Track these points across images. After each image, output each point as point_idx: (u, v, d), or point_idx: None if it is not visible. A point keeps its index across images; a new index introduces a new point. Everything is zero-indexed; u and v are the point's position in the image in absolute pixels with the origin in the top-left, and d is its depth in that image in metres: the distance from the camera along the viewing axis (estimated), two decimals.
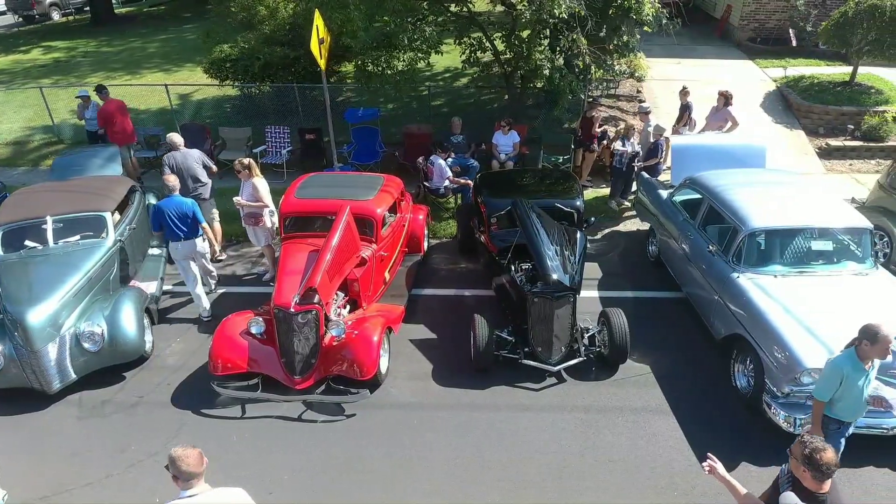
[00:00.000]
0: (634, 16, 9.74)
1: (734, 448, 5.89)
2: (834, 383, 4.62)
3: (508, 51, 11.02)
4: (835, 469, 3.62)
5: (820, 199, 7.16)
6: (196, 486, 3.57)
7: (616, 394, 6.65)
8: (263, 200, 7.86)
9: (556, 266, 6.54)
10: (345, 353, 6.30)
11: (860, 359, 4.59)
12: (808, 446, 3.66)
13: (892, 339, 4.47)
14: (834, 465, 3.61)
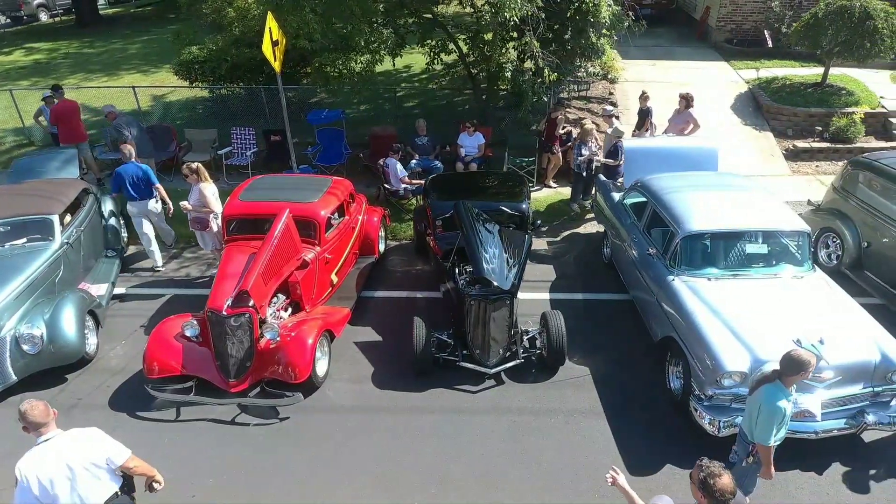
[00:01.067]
0: (592, 18, 9.73)
1: (661, 450, 5.92)
2: (779, 424, 4.48)
3: (472, 53, 11.03)
4: (730, 496, 3.52)
5: (760, 203, 7.17)
6: (48, 433, 3.97)
7: (552, 396, 6.66)
8: (210, 205, 7.89)
9: (492, 269, 6.56)
10: (279, 356, 6.32)
11: (787, 388, 4.49)
12: (704, 471, 3.58)
13: (813, 362, 4.46)
14: (729, 493, 3.51)
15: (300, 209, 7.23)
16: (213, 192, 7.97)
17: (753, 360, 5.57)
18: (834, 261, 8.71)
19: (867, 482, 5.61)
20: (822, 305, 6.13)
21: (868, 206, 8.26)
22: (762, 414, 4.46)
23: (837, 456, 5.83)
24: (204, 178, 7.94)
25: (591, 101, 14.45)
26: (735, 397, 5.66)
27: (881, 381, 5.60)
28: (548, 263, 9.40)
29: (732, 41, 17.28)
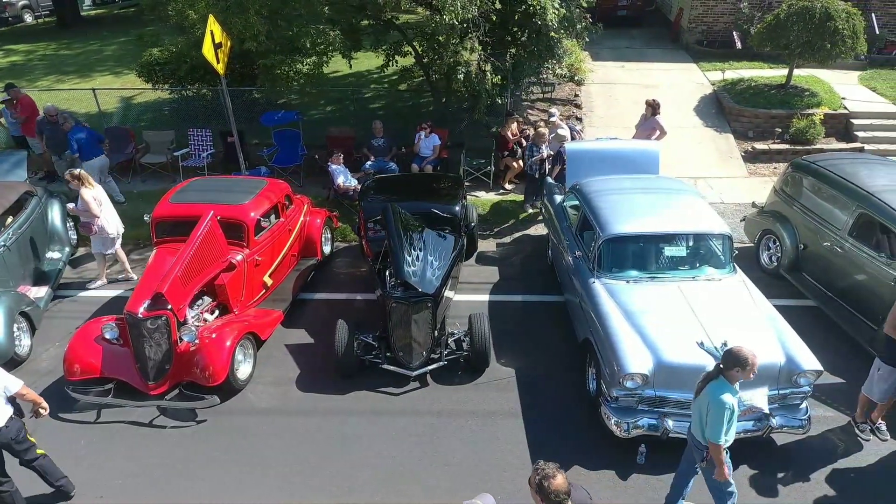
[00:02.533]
0: (539, 21, 9.75)
1: (571, 451, 5.94)
2: (729, 421, 4.48)
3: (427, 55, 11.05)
4: (565, 497, 3.51)
5: (685, 206, 7.18)
6: None
7: (473, 397, 6.68)
8: (92, 211, 8.05)
9: (414, 272, 6.57)
10: (197, 358, 6.35)
11: (732, 384, 4.51)
12: (539, 474, 3.57)
13: (756, 359, 4.47)
14: (563, 493, 3.51)
15: (228, 211, 7.25)
16: (93, 196, 8.12)
17: (656, 362, 5.59)
18: (775, 263, 8.72)
19: (775, 485, 5.62)
20: (733, 308, 6.13)
21: (805, 209, 8.27)
22: (710, 411, 4.49)
23: (747, 458, 5.83)
24: (87, 183, 8.13)
25: (556, 103, 14.44)
26: (641, 399, 5.67)
27: (787, 384, 5.60)
28: (493, 265, 9.42)
29: (703, 43, 17.28)
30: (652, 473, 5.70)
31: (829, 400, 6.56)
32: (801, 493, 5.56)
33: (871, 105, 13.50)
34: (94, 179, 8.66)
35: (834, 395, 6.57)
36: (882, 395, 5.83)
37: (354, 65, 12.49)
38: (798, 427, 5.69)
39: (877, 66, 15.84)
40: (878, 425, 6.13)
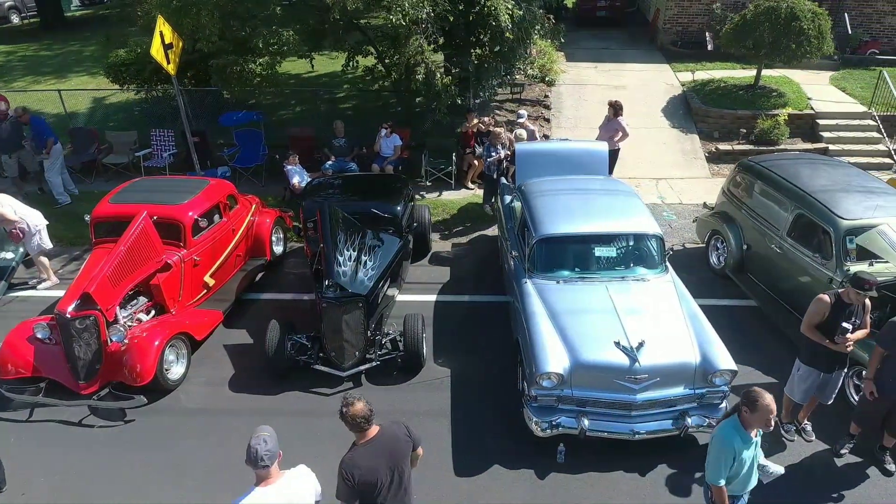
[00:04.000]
0: (493, 22, 9.76)
1: (492, 450, 5.97)
2: (727, 462, 4.11)
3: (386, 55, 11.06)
4: (362, 419, 3.89)
5: (621, 207, 7.20)
6: None
7: (405, 398, 6.69)
8: (7, 217, 8.13)
9: (344, 272, 6.59)
10: (125, 358, 6.37)
11: (745, 427, 4.10)
12: (342, 403, 3.94)
13: (774, 409, 3.98)
14: (361, 417, 3.88)
15: (165, 211, 7.27)
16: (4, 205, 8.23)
17: (573, 361, 5.61)
18: (722, 263, 8.73)
19: (690, 485, 5.62)
20: (656, 308, 6.14)
21: (749, 209, 8.28)
22: (710, 449, 4.24)
23: (667, 458, 5.84)
24: None
25: (525, 104, 14.46)
26: (560, 399, 5.68)
27: (703, 384, 5.61)
28: (446, 266, 9.43)
29: (677, 44, 17.31)
30: (570, 472, 5.72)
31: None
32: None
33: (838, 105, 13.52)
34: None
35: None
36: (802, 396, 5.84)
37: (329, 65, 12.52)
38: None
39: (850, 66, 15.85)
40: (804, 426, 6.14)
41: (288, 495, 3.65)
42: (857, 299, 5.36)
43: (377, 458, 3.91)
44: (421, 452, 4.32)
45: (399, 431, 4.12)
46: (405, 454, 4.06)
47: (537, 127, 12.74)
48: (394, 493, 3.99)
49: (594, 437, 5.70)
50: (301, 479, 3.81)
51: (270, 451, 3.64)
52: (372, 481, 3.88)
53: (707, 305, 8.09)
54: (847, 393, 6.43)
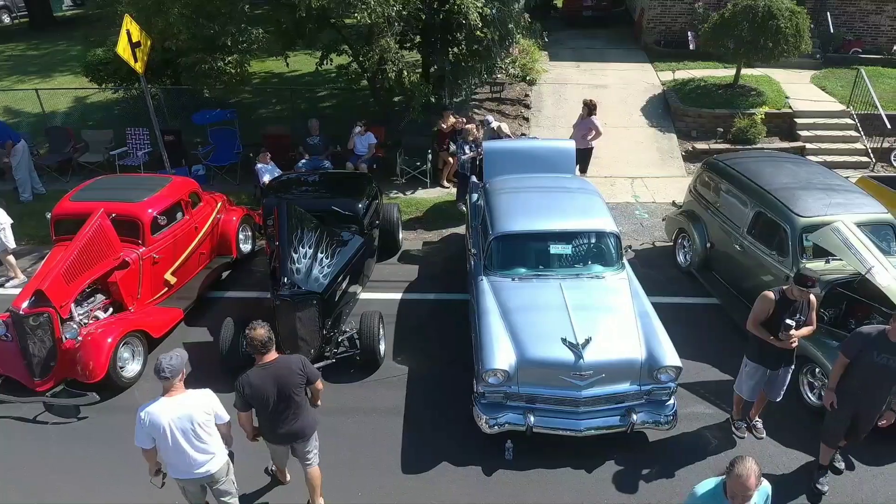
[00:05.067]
0: (464, 20, 9.76)
1: (441, 448, 5.98)
2: None
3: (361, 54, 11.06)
4: (259, 343, 4.50)
5: (579, 205, 7.21)
6: None
7: (360, 395, 6.70)
8: None
9: (298, 269, 6.58)
10: (78, 356, 6.37)
11: (727, 496, 3.66)
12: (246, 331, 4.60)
13: (747, 483, 3.52)
14: (258, 341, 4.51)
15: (123, 209, 7.27)
16: None
17: (519, 358, 5.61)
18: (689, 261, 8.72)
19: (637, 481, 5.62)
20: (607, 305, 6.14)
21: (714, 208, 8.28)
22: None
23: (615, 454, 5.84)
24: None
25: (506, 103, 14.47)
26: (507, 395, 5.68)
27: (649, 380, 5.61)
28: (415, 264, 9.43)
29: (660, 43, 17.27)
30: (517, 469, 5.71)
31: (711, 397, 6.57)
32: (664, 489, 5.55)
33: (816, 104, 13.50)
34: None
35: (720, 393, 6.57)
36: (750, 393, 5.83)
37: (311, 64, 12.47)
38: (663, 423, 5.69)
39: (832, 65, 15.80)
40: (755, 423, 6.14)
41: (186, 406, 4.35)
42: (800, 296, 5.34)
43: (267, 379, 4.57)
44: (319, 387, 4.89)
45: (293, 363, 4.69)
46: (295, 384, 4.63)
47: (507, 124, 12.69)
48: (281, 412, 4.67)
49: (542, 433, 5.69)
50: (202, 397, 4.48)
51: (172, 366, 4.30)
52: (261, 398, 4.58)
53: (672, 303, 8.19)
54: (802, 392, 6.42)
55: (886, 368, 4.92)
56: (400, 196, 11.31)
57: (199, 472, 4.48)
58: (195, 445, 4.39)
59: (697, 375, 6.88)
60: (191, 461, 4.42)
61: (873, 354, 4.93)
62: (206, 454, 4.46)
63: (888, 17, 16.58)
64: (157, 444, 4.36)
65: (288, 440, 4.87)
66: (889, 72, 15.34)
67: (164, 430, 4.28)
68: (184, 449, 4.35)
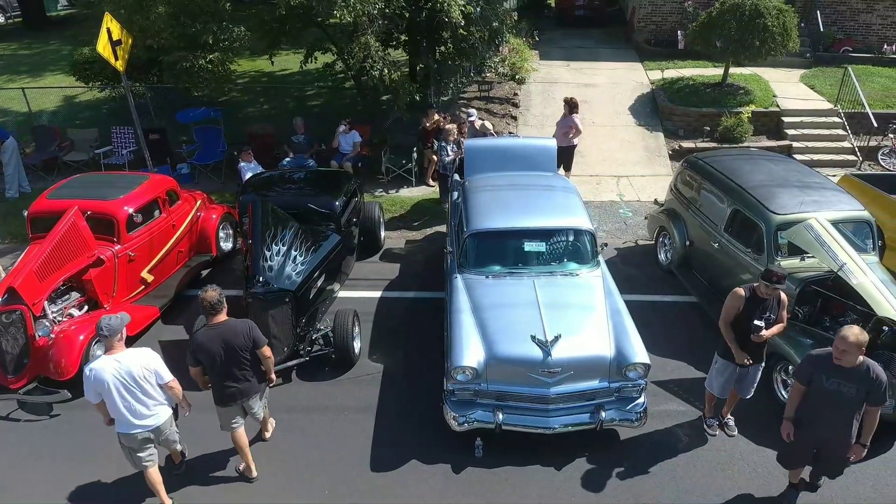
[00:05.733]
0: (446, 18, 9.74)
1: (412, 446, 5.97)
2: None
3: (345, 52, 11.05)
4: (208, 303, 4.96)
5: (555, 203, 7.18)
6: None
7: (333, 393, 6.68)
8: None
9: (270, 266, 6.56)
10: (51, 353, 6.35)
11: None
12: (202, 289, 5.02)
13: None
14: (207, 302, 4.96)
15: (98, 206, 7.25)
16: None
17: (488, 355, 5.59)
18: (669, 259, 8.70)
19: (606, 479, 5.60)
20: (579, 302, 6.11)
21: (693, 206, 8.26)
22: None
23: (586, 452, 5.82)
24: None
25: (493, 102, 14.45)
26: (477, 393, 5.66)
27: (618, 377, 5.59)
28: (396, 262, 9.42)
29: (651, 42, 17.26)
30: (486, 467, 5.70)
31: (685, 394, 6.55)
32: (634, 486, 5.53)
33: (804, 103, 13.48)
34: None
35: (693, 391, 6.54)
36: (721, 390, 5.81)
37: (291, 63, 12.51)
38: (632, 420, 5.67)
39: (823, 64, 15.78)
40: (727, 421, 6.11)
41: (126, 363, 4.76)
42: (768, 293, 5.30)
43: (214, 339, 4.99)
44: (267, 353, 5.23)
45: (241, 327, 5.08)
46: (240, 345, 5.03)
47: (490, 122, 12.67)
48: (228, 371, 5.09)
49: (513, 431, 5.67)
50: (141, 355, 4.87)
51: (110, 325, 4.75)
52: (208, 355, 5.00)
53: (651, 302, 8.19)
54: (775, 389, 6.40)
55: (839, 395, 4.56)
56: (385, 195, 11.30)
57: (143, 425, 4.90)
58: (138, 399, 4.82)
59: (672, 373, 6.86)
60: (134, 415, 4.84)
61: (822, 380, 4.61)
62: (148, 409, 4.89)
63: (879, 16, 16.57)
64: (104, 398, 4.79)
65: (233, 398, 5.24)
66: (879, 70, 15.33)
67: (107, 385, 4.70)
68: (127, 403, 4.79)
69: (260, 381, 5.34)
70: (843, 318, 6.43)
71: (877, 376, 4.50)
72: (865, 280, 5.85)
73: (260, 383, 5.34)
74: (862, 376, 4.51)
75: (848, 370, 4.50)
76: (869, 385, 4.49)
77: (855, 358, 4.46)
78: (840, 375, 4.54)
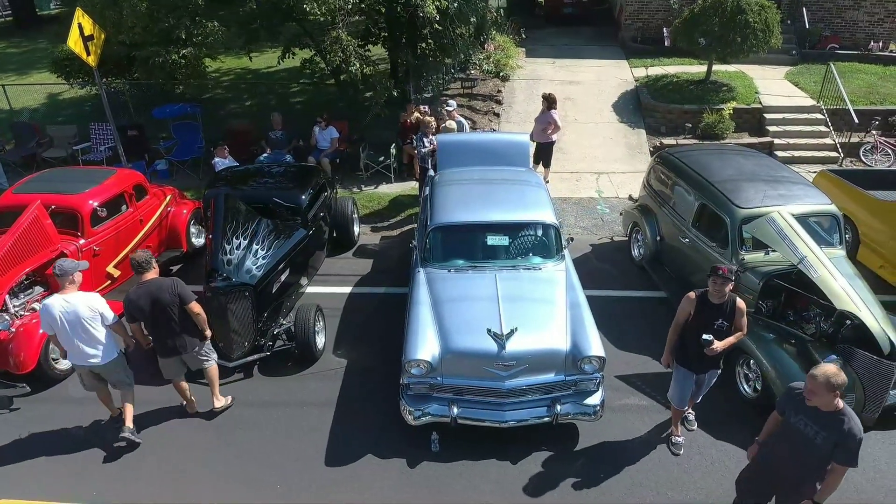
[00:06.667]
0: (420, 13, 9.70)
1: (368, 441, 5.94)
2: None
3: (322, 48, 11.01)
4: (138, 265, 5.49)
5: (521, 197, 7.14)
6: None
7: (293, 388, 6.63)
8: None
9: (229, 260, 6.52)
10: (10, 347, 6.32)
11: None
12: None
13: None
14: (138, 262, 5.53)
15: (62, 201, 7.23)
16: None
17: (443, 349, 5.56)
18: (641, 255, 8.66)
19: (561, 473, 5.55)
20: (539, 296, 6.07)
21: (663, 200, 8.22)
22: None
23: (545, 446, 5.78)
24: None
25: (476, 98, 14.41)
26: (433, 387, 5.63)
27: (574, 371, 5.54)
28: (370, 258, 9.38)
29: (637, 39, 17.23)
30: (442, 461, 5.65)
31: (648, 389, 6.51)
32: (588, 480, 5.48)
33: (787, 100, 13.44)
34: None
35: (656, 385, 6.47)
36: (680, 400, 5.55)
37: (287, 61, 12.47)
38: (589, 414, 5.63)
39: (809, 61, 15.72)
40: (687, 415, 6.05)
41: (73, 303, 5.30)
42: (716, 291, 5.02)
43: (143, 295, 5.47)
44: (195, 309, 5.61)
45: (166, 283, 5.54)
46: (166, 301, 5.47)
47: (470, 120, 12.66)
48: (161, 326, 5.59)
49: (472, 425, 5.64)
50: (87, 297, 5.41)
51: (62, 266, 5.36)
52: (139, 311, 5.49)
53: (622, 297, 8.16)
54: (738, 384, 6.36)
55: (800, 434, 4.04)
56: (364, 190, 11.26)
57: (90, 362, 5.46)
58: (82, 337, 5.36)
59: (636, 367, 6.82)
60: (81, 350, 5.41)
61: (790, 414, 4.14)
62: (93, 346, 5.43)
63: (866, 13, 16.51)
64: (56, 332, 5.35)
65: (172, 353, 5.74)
66: (866, 67, 15.26)
67: (56, 320, 5.26)
68: (74, 338, 5.35)
69: (193, 335, 5.74)
70: (807, 313, 6.39)
71: (849, 430, 3.87)
72: (826, 273, 5.81)
73: (193, 338, 5.75)
74: (832, 424, 3.91)
75: (818, 412, 3.94)
76: (839, 436, 3.88)
77: (827, 401, 3.88)
78: (808, 415, 4.01)
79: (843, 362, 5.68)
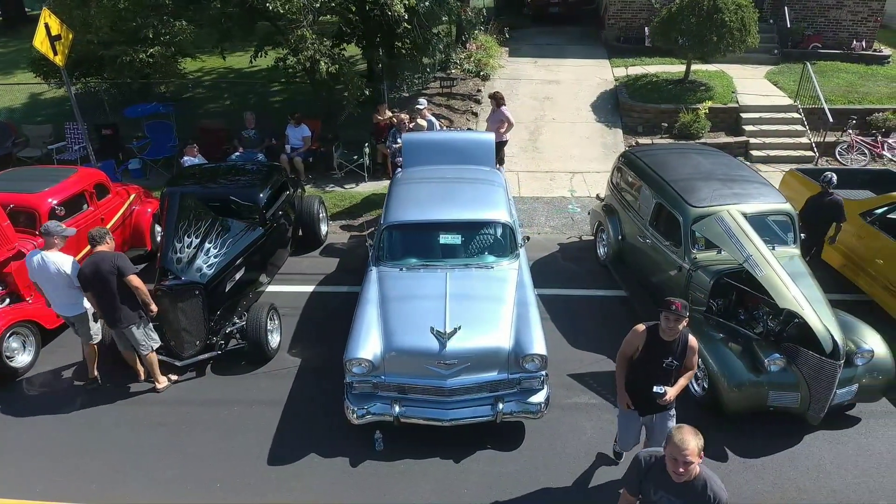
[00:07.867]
0: (389, 12, 9.70)
1: (313, 438, 5.94)
2: None
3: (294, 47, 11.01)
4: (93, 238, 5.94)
5: (477, 196, 7.14)
6: None
7: (244, 387, 6.63)
8: None
9: (178, 258, 6.51)
10: None
11: None
12: None
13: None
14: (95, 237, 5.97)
15: (20, 199, 7.24)
16: None
17: (385, 347, 5.56)
18: (604, 253, 8.66)
19: (502, 472, 5.55)
20: (487, 294, 6.06)
21: (625, 200, 8.22)
22: None
23: (489, 444, 5.77)
24: None
25: (455, 98, 14.40)
26: (376, 385, 5.62)
27: (517, 369, 5.54)
28: (337, 257, 9.38)
29: (620, 39, 17.22)
30: (385, 460, 5.65)
31: (598, 387, 6.50)
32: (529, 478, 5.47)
33: (765, 99, 13.42)
34: None
35: (607, 384, 6.45)
36: (624, 443, 5.31)
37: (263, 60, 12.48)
38: (533, 413, 5.62)
39: (791, 60, 15.68)
40: None
41: (50, 262, 5.96)
42: (668, 328, 4.45)
43: (89, 265, 5.87)
44: (135, 283, 5.94)
45: (108, 255, 5.93)
46: (106, 271, 5.84)
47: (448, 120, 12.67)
48: (102, 296, 5.95)
49: (412, 424, 5.64)
50: (64, 259, 6.03)
51: (46, 227, 6.10)
52: (85, 280, 5.89)
53: (584, 296, 8.16)
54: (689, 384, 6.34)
55: None
56: (337, 190, 11.26)
57: (66, 314, 6.22)
58: (58, 293, 6.06)
59: (590, 366, 6.81)
60: (59, 303, 6.16)
61: (650, 493, 3.72)
62: (66, 302, 6.12)
63: (849, 12, 16.46)
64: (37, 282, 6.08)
65: (114, 324, 6.07)
66: (847, 66, 15.25)
67: (33, 272, 5.99)
68: (53, 292, 6.07)
69: (134, 310, 6.05)
70: (757, 311, 6.38)
71: (714, 496, 3.51)
72: (770, 272, 5.79)
73: (133, 312, 6.04)
74: (695, 494, 3.54)
75: (678, 484, 3.53)
76: None
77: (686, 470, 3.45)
78: (668, 488, 3.60)
79: (787, 361, 5.69)
